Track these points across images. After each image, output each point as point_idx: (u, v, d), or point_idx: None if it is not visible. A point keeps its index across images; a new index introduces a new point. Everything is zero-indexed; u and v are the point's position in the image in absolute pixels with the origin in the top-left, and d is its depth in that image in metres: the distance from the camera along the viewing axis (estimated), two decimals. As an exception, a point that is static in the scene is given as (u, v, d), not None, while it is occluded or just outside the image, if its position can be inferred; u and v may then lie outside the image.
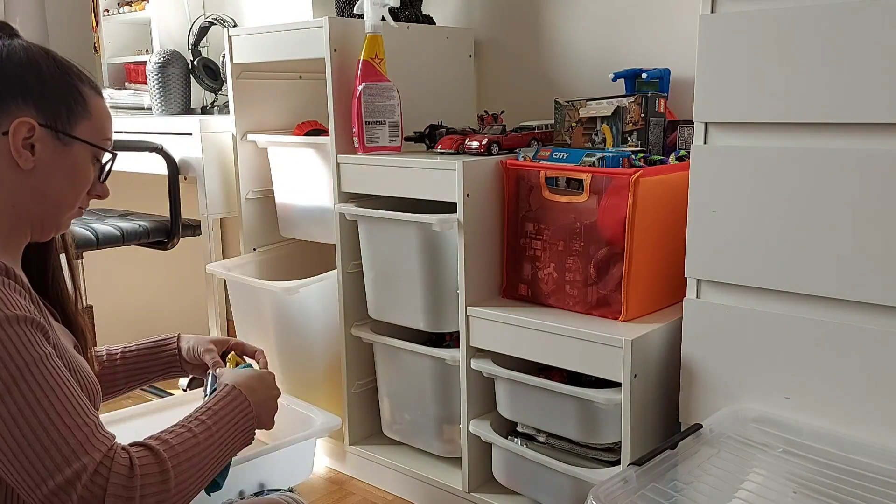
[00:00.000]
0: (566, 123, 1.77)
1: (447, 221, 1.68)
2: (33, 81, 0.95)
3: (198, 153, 2.32)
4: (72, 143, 0.97)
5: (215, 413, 1.00)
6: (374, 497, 1.91)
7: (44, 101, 0.95)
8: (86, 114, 0.99)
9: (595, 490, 1.15)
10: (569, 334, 1.53)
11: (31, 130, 0.94)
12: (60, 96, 0.96)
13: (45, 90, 0.95)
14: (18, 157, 0.93)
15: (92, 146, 0.99)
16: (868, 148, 1.22)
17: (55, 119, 0.96)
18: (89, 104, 0.99)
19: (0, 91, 0.93)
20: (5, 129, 0.93)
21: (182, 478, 0.89)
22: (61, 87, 0.97)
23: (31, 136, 0.94)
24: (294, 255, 2.38)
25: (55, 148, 0.96)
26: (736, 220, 1.37)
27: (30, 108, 0.94)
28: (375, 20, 1.82)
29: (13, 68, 0.94)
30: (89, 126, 0.99)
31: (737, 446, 1.31)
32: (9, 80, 0.94)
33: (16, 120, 0.93)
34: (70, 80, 0.98)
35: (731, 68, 1.34)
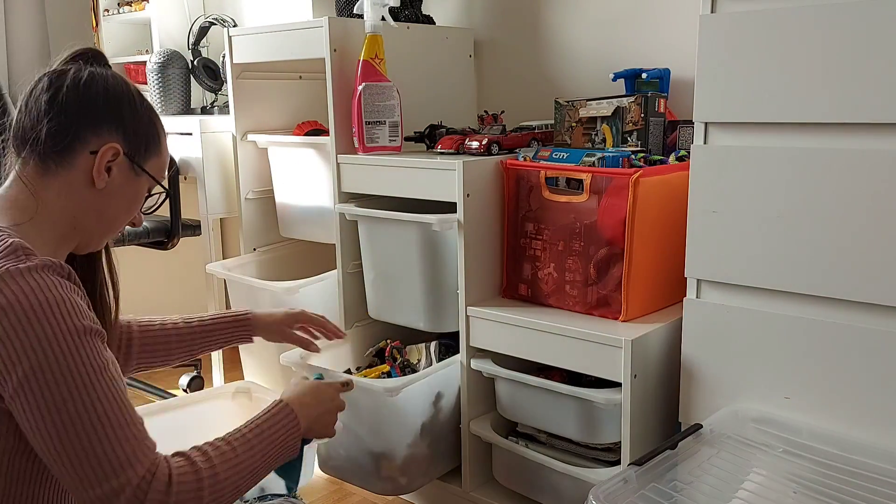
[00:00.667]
0: (566, 123, 1.77)
1: (447, 221, 1.68)
2: (128, 114, 1.05)
3: (198, 153, 2.33)
4: (141, 175, 1.08)
5: (260, 430, 1.08)
6: (374, 497, 1.91)
7: (133, 133, 1.05)
8: (158, 152, 1.10)
9: (595, 490, 1.15)
10: (569, 334, 1.53)
11: (115, 155, 1.03)
12: (145, 132, 1.07)
13: (136, 124, 1.06)
14: (97, 177, 1.03)
15: (155, 181, 1.10)
16: (868, 148, 1.22)
17: (136, 151, 1.06)
18: (162, 144, 1.11)
19: (100, 115, 1.03)
20: (95, 149, 1.02)
21: (216, 491, 0.97)
22: (147, 125, 1.09)
23: (113, 161, 1.03)
24: (294, 255, 2.38)
25: (127, 175, 1.06)
26: (736, 220, 1.37)
27: (119, 136, 1.04)
28: (375, 20, 1.82)
29: (115, 96, 1.04)
30: (158, 163, 1.10)
31: (737, 446, 1.31)
32: (110, 106, 1.04)
33: (106, 144, 1.02)
34: (154, 119, 1.09)
35: (731, 68, 1.34)
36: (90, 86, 1.02)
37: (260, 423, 1.09)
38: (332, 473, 1.84)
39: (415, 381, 1.65)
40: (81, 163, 1.02)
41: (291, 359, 1.81)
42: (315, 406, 1.17)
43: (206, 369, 2.61)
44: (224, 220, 2.95)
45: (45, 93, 1.01)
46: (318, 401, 1.18)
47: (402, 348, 1.91)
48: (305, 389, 1.18)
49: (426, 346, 1.88)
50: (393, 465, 1.72)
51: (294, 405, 1.13)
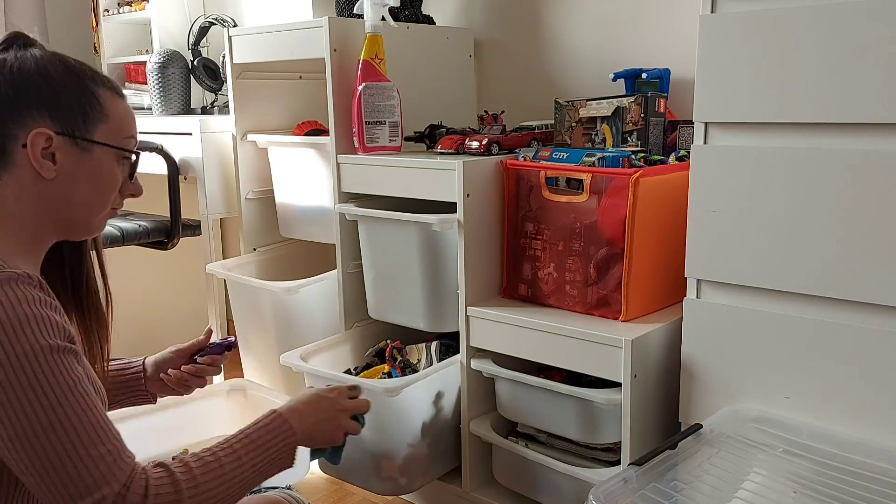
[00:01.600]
0: (566, 123, 1.77)
1: (447, 221, 1.68)
2: (45, 90, 0.95)
3: (198, 153, 2.32)
4: (92, 148, 0.98)
5: (250, 440, 1.02)
6: (374, 497, 1.91)
7: (58, 109, 0.95)
8: (103, 116, 0.99)
9: (595, 490, 1.15)
10: (569, 334, 1.53)
11: (48, 140, 0.95)
12: (74, 102, 0.97)
13: (58, 98, 0.96)
14: (40, 168, 0.95)
15: (112, 148, 1.00)
16: (868, 148, 1.22)
17: (72, 126, 0.96)
18: (105, 106, 0.99)
19: (14, 103, 0.94)
20: (24, 142, 0.94)
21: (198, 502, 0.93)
22: (74, 93, 0.97)
23: (49, 146, 0.95)
24: (294, 255, 2.38)
25: (75, 154, 0.97)
26: (736, 220, 1.37)
27: (45, 118, 0.95)
28: (375, 20, 1.82)
29: (25, 79, 0.95)
30: (108, 128, 0.99)
31: (737, 446, 1.31)
32: (22, 91, 0.94)
33: (32, 131, 0.94)
34: (83, 83, 0.98)
35: (731, 68, 1.34)
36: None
37: (250, 433, 1.03)
38: (332, 473, 1.84)
39: (415, 381, 1.65)
40: (20, 160, 0.94)
41: (291, 359, 1.81)
42: (311, 414, 1.10)
43: (206, 369, 2.60)
44: (224, 220, 2.95)
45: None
46: (315, 408, 1.11)
47: (403, 348, 1.91)
48: (303, 398, 1.13)
49: (426, 346, 1.88)
50: (393, 465, 1.72)
51: (288, 414, 1.07)
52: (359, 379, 1.74)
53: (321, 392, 1.15)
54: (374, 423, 1.69)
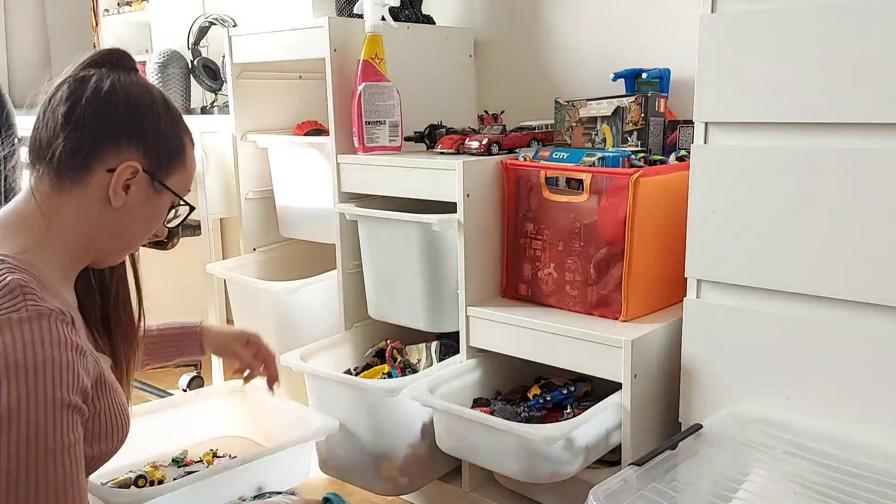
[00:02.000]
0: (566, 123, 1.77)
1: (447, 221, 1.67)
2: (150, 128, 0.98)
3: (198, 153, 2.32)
4: (163, 191, 1.01)
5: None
6: (374, 497, 1.91)
7: (154, 148, 0.98)
8: (182, 166, 1.03)
9: (595, 490, 1.15)
10: (569, 334, 1.53)
11: (133, 173, 0.96)
12: (167, 146, 1.00)
13: (157, 138, 0.98)
14: (114, 196, 0.96)
15: (179, 198, 1.03)
16: (868, 148, 1.22)
17: (157, 167, 0.99)
18: (187, 157, 1.03)
19: (118, 130, 0.96)
20: (112, 167, 0.95)
21: None
22: (170, 138, 1.00)
23: (131, 179, 0.97)
24: (294, 255, 2.38)
25: (147, 192, 0.99)
26: (736, 220, 1.36)
27: (139, 152, 0.97)
28: (375, 20, 1.82)
29: (137, 110, 0.97)
30: (182, 177, 1.03)
31: (737, 447, 1.31)
32: (130, 120, 0.96)
33: (125, 162, 0.95)
34: (179, 131, 1.02)
35: (731, 68, 1.33)
36: (110, 98, 0.95)
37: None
38: (332, 473, 1.84)
39: (415, 382, 1.65)
40: (98, 180, 0.95)
41: (291, 359, 1.81)
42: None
43: (205, 369, 2.61)
44: (224, 220, 2.94)
45: (63, 104, 0.94)
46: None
47: (403, 348, 1.91)
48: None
49: (426, 346, 1.88)
50: (393, 466, 1.72)
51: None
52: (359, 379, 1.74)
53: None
54: (375, 424, 1.70)
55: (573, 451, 1.43)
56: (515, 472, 1.47)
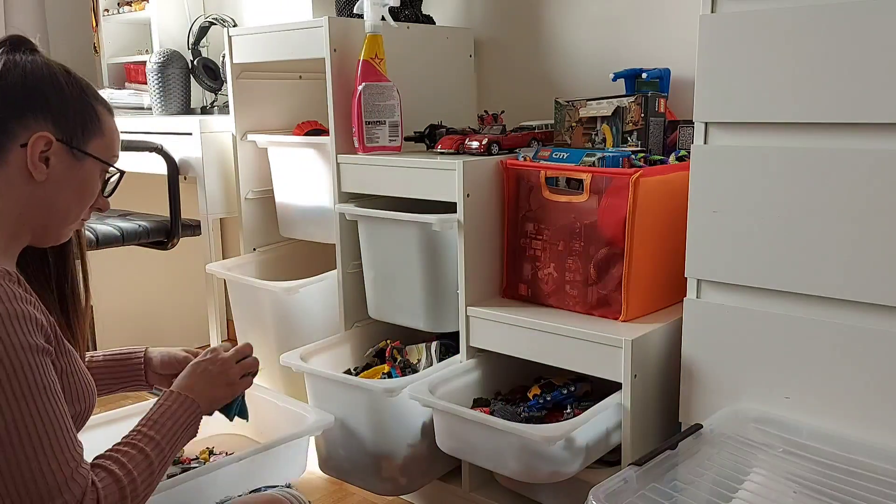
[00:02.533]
0: (566, 123, 1.77)
1: (447, 221, 1.67)
2: (54, 98, 0.99)
3: (198, 153, 2.32)
4: (84, 159, 1.02)
5: (164, 426, 1.06)
6: (374, 497, 1.91)
7: (62, 117, 0.99)
8: (99, 132, 1.03)
9: (595, 490, 1.15)
10: (569, 334, 1.53)
11: (48, 144, 0.98)
12: (78, 114, 1.01)
13: (64, 107, 1.00)
14: (34, 170, 0.98)
15: (103, 163, 1.04)
16: (868, 148, 1.22)
17: (71, 135, 1.00)
18: (103, 123, 1.04)
19: (22, 105, 0.97)
20: (24, 142, 0.97)
21: (136, 498, 0.98)
22: (79, 105, 1.01)
23: (47, 150, 0.98)
24: (294, 255, 2.38)
25: (68, 162, 1.01)
26: (736, 220, 1.37)
27: (48, 123, 0.98)
28: (375, 20, 1.82)
29: (35, 83, 0.98)
30: (101, 143, 1.04)
31: (737, 446, 1.31)
32: (31, 94, 0.98)
33: (35, 134, 0.97)
34: (87, 98, 1.03)
35: (731, 68, 1.34)
36: (7, 76, 0.97)
37: (159, 418, 1.07)
38: (332, 473, 1.84)
39: (415, 382, 1.65)
40: (14, 158, 0.97)
41: (291, 359, 1.81)
42: (204, 380, 1.15)
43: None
44: (224, 220, 2.94)
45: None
46: (206, 372, 1.16)
47: (403, 348, 1.91)
48: (188, 373, 1.16)
49: (426, 346, 1.88)
50: (393, 466, 1.72)
51: (184, 389, 1.12)
52: (359, 379, 1.73)
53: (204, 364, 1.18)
54: (374, 423, 1.70)
55: (573, 451, 1.43)
56: (515, 472, 1.47)
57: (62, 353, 0.99)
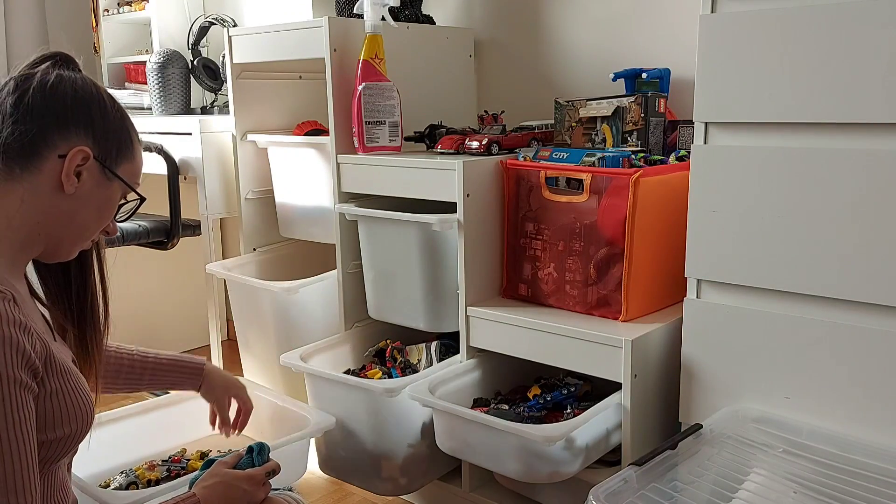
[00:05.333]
0: (566, 123, 1.77)
1: (447, 221, 1.67)
2: (98, 116, 1.02)
3: (198, 153, 2.32)
4: (113, 180, 1.04)
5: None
6: (374, 497, 1.91)
7: (102, 136, 1.02)
8: (131, 157, 1.06)
9: (595, 490, 1.15)
10: (569, 334, 1.53)
11: (84, 159, 1.00)
12: (116, 136, 1.04)
13: (105, 127, 1.02)
14: (66, 181, 0.99)
15: (129, 187, 1.06)
16: (868, 148, 1.22)
17: (107, 155, 1.02)
18: (135, 149, 1.07)
19: (67, 117, 0.99)
20: (63, 153, 0.98)
21: None
22: (119, 128, 1.04)
23: (82, 165, 1.00)
24: (294, 255, 2.38)
25: (98, 180, 1.03)
26: (736, 220, 1.37)
27: (89, 139, 1.00)
28: (375, 20, 1.82)
29: (83, 99, 1.01)
30: (131, 168, 1.07)
31: (737, 446, 1.31)
32: (77, 109, 1.00)
33: (76, 147, 0.99)
34: (126, 124, 1.06)
35: (731, 68, 1.34)
36: (57, 88, 0.99)
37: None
38: (332, 473, 1.84)
39: (415, 382, 1.65)
40: (49, 167, 0.98)
41: (291, 359, 1.81)
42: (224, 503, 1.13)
43: (206, 369, 2.60)
44: (224, 220, 2.95)
45: (11, 95, 0.97)
46: (227, 500, 1.14)
47: (403, 349, 1.91)
48: (217, 489, 1.14)
49: (426, 346, 1.88)
50: (393, 466, 1.72)
51: (204, 502, 1.10)
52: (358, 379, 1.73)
53: (238, 481, 1.17)
54: (374, 424, 1.70)
55: (573, 451, 1.43)
56: (515, 472, 1.47)
57: (56, 373, 0.97)
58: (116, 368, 1.35)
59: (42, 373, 0.94)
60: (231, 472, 1.18)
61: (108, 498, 1.42)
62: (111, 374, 1.34)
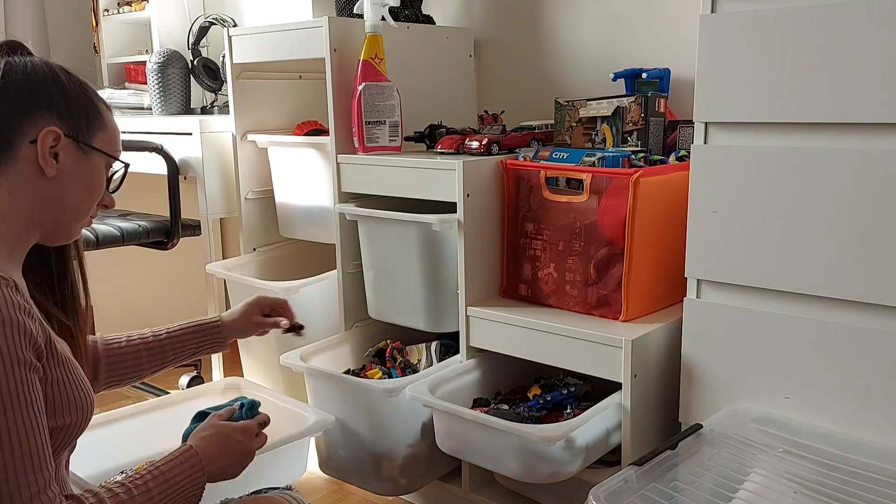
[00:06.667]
0: (566, 123, 1.77)
1: (447, 221, 1.67)
2: (57, 94, 1.01)
3: (198, 153, 2.32)
4: (91, 153, 1.03)
5: (162, 475, 1.04)
6: (374, 497, 1.91)
7: (67, 112, 1.01)
8: (102, 126, 1.05)
9: (595, 490, 1.15)
10: (569, 334, 1.53)
11: (56, 139, 0.99)
12: (81, 109, 1.02)
13: (68, 103, 1.01)
14: (45, 164, 0.98)
15: (108, 156, 1.05)
16: (868, 148, 1.22)
17: (77, 130, 1.01)
18: (105, 117, 1.06)
19: (27, 102, 0.98)
20: (33, 138, 0.98)
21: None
22: (82, 101, 1.03)
23: (56, 145, 0.99)
24: (294, 255, 2.38)
25: (76, 157, 1.02)
26: (736, 220, 1.37)
27: (54, 119, 0.99)
28: (375, 20, 1.82)
29: (38, 81, 1.00)
30: (105, 137, 1.05)
31: (737, 446, 1.31)
32: (35, 91, 0.99)
33: (44, 129, 0.98)
34: (88, 94, 1.04)
35: (731, 68, 1.34)
36: (9, 76, 0.98)
37: (163, 468, 1.05)
38: (332, 473, 1.84)
39: (415, 382, 1.65)
40: (24, 155, 0.97)
41: (291, 359, 1.81)
42: (221, 458, 1.13)
43: (205, 369, 2.60)
44: (224, 220, 2.94)
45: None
46: (223, 452, 1.14)
47: (403, 349, 1.91)
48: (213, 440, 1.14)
49: (426, 346, 1.88)
50: (393, 466, 1.71)
51: (201, 454, 1.10)
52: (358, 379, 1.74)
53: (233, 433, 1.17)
54: (375, 424, 1.70)
55: (573, 451, 1.43)
56: (515, 472, 1.47)
57: (56, 362, 0.97)
58: (136, 355, 1.34)
59: (45, 358, 0.95)
60: (226, 424, 1.18)
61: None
62: (132, 363, 1.33)
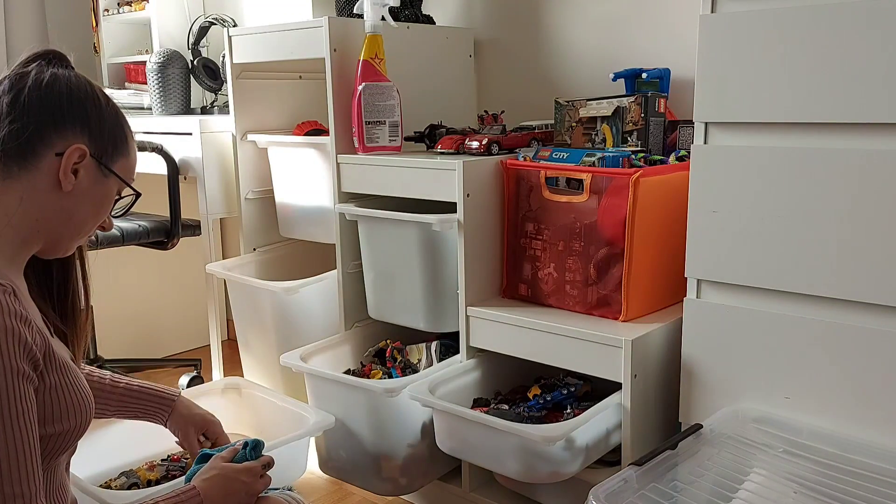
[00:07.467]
0: (566, 123, 1.77)
1: (447, 221, 1.67)
2: (93, 114, 1.02)
3: (198, 153, 2.32)
4: (109, 176, 1.05)
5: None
6: (374, 497, 1.91)
7: (98, 133, 1.03)
8: (126, 153, 1.07)
9: (595, 490, 1.15)
10: (569, 334, 1.53)
11: (81, 157, 1.00)
12: (111, 132, 1.04)
13: (101, 124, 1.03)
14: (64, 179, 0.99)
15: (125, 183, 1.07)
16: (868, 148, 1.22)
17: (102, 152, 1.03)
18: (129, 145, 1.08)
19: (63, 116, 1.00)
20: (60, 151, 0.99)
21: None
22: (114, 125, 1.05)
23: (79, 162, 1.00)
24: (294, 255, 2.38)
25: (95, 177, 1.03)
26: (736, 220, 1.37)
27: (84, 137, 1.01)
28: (375, 20, 1.82)
29: (79, 97, 1.01)
30: (126, 164, 1.07)
31: (737, 446, 1.31)
32: (73, 106, 1.01)
33: (72, 145, 0.99)
34: (120, 121, 1.07)
35: (731, 68, 1.34)
36: (52, 86, 0.99)
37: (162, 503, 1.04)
38: (332, 473, 1.84)
39: (415, 382, 1.65)
40: (46, 165, 0.98)
41: (291, 359, 1.81)
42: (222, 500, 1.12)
43: (205, 369, 2.61)
44: (224, 220, 2.95)
45: (7, 94, 0.98)
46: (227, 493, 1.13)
47: (403, 349, 1.91)
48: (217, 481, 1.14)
49: (427, 346, 1.88)
50: (393, 466, 1.71)
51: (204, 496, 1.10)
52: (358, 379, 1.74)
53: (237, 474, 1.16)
54: (374, 423, 1.70)
55: (573, 451, 1.43)
56: (515, 472, 1.47)
57: (55, 368, 0.97)
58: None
59: (42, 366, 0.95)
60: (230, 465, 1.18)
61: (108, 498, 1.42)
62: None
